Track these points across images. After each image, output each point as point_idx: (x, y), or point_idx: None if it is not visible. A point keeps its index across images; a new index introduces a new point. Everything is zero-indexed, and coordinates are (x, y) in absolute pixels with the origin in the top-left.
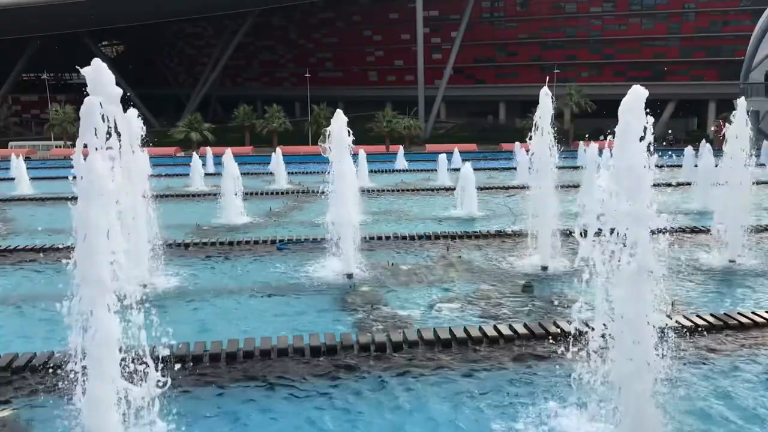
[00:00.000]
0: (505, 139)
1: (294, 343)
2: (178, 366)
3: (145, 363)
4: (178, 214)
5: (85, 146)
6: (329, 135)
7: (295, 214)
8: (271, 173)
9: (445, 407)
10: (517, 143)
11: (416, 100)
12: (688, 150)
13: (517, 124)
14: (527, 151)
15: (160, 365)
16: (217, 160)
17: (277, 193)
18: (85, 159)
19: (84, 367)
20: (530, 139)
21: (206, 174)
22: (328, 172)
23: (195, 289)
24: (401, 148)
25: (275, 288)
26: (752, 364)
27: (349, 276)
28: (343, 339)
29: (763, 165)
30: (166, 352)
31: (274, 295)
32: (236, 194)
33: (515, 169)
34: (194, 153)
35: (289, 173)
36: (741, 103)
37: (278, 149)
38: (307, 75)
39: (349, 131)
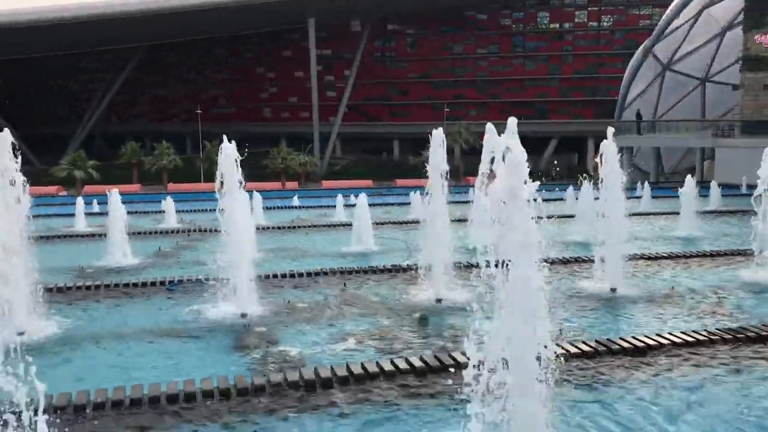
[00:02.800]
0: (400, 176)
1: (185, 388)
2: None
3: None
4: (60, 256)
5: None
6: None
7: (186, 253)
8: (161, 211)
9: None
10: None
11: (311, 136)
12: (570, 188)
13: (411, 161)
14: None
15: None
16: (102, 198)
17: (168, 232)
18: None
19: None
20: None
21: (91, 213)
22: (220, 208)
23: (78, 335)
24: (296, 185)
25: (165, 331)
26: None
27: (243, 316)
28: (237, 381)
29: (639, 197)
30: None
31: (164, 339)
32: (123, 234)
33: (410, 204)
34: (80, 194)
35: (179, 212)
36: (610, 141)
37: (169, 187)
38: (199, 111)
39: (236, 160)
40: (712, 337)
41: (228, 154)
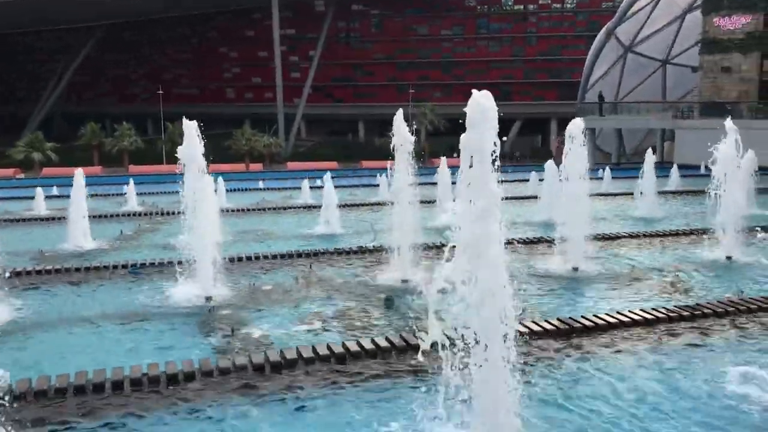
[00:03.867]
0: (365, 157)
1: (149, 372)
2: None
3: None
4: (18, 239)
5: None
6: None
7: (148, 236)
8: (122, 194)
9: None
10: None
11: (276, 117)
12: (533, 172)
13: (376, 143)
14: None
15: None
16: (61, 181)
17: (130, 215)
18: None
19: None
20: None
21: (51, 196)
22: (182, 192)
23: (38, 320)
24: (260, 167)
25: (128, 315)
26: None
27: (208, 299)
28: (202, 365)
29: (601, 179)
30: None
31: (128, 323)
32: (84, 217)
33: (377, 186)
34: (38, 176)
35: (141, 194)
36: (576, 122)
37: (130, 169)
38: (160, 92)
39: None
40: (670, 314)
41: (190, 133)
